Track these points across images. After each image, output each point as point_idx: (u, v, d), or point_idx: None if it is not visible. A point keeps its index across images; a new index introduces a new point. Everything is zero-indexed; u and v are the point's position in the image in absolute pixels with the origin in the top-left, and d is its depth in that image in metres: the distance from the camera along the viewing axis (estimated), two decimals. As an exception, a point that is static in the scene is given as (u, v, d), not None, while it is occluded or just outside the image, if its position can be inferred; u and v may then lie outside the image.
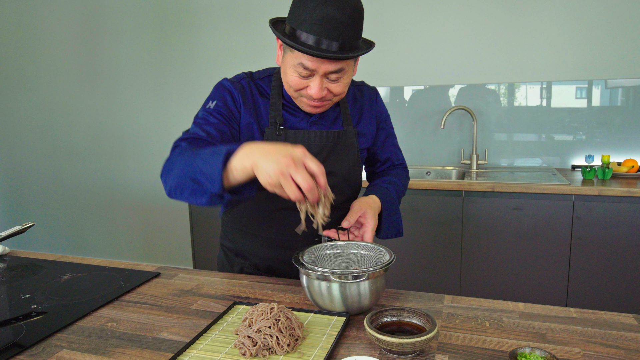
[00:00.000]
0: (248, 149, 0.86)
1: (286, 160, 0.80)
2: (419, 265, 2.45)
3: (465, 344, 0.85)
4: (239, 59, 3.22)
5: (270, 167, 0.81)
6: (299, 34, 0.98)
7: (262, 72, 1.21)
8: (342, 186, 1.22)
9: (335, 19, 0.96)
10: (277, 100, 1.16)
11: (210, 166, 0.88)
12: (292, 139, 1.15)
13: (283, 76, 1.09)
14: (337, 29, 0.97)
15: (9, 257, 1.41)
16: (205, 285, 1.16)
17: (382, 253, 1.03)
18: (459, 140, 2.89)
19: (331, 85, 1.05)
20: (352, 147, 1.22)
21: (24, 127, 3.87)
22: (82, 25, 3.54)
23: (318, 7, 0.96)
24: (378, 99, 1.30)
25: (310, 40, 0.97)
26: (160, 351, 0.85)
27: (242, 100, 1.15)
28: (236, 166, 0.86)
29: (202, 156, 0.91)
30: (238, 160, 0.86)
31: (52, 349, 0.87)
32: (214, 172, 0.87)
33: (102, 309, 1.04)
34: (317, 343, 0.85)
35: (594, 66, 2.62)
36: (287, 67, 1.05)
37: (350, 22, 0.98)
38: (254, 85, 1.18)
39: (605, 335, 0.88)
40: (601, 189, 2.12)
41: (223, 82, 1.18)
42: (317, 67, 1.01)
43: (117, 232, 3.75)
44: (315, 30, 0.97)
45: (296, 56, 1.01)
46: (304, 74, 1.03)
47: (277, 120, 1.15)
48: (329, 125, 1.20)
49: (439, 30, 2.81)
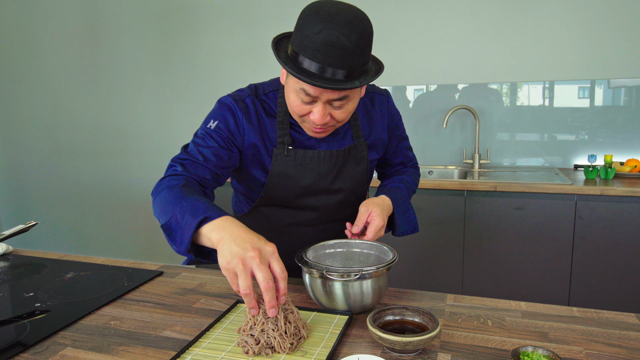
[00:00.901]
0: (222, 224, 0.85)
1: (253, 252, 0.78)
2: (421, 264, 2.45)
3: (468, 342, 0.85)
4: (241, 60, 3.23)
5: (234, 250, 0.79)
6: (302, 59, 0.93)
7: (268, 86, 1.16)
8: (350, 199, 1.23)
9: (340, 45, 0.90)
10: (284, 119, 1.12)
11: (183, 225, 0.87)
12: (301, 158, 1.12)
13: (286, 98, 1.05)
14: (342, 57, 0.91)
15: (13, 256, 1.42)
16: (207, 283, 1.17)
17: (385, 252, 1.03)
18: (461, 140, 2.89)
19: (335, 112, 1.01)
20: (363, 160, 1.20)
21: (27, 126, 3.88)
22: (85, 25, 3.55)
23: (322, 32, 0.89)
24: (390, 104, 1.25)
25: (313, 67, 0.92)
26: (164, 349, 0.85)
27: (247, 121, 1.10)
28: (205, 234, 0.85)
29: (183, 207, 0.90)
30: (209, 231, 0.85)
31: (56, 347, 0.87)
32: (184, 234, 0.87)
33: (105, 307, 1.04)
34: (319, 341, 0.85)
35: (596, 66, 2.61)
36: (290, 90, 1.01)
37: (356, 49, 0.91)
38: (258, 102, 1.13)
39: (607, 334, 0.88)
40: (604, 188, 2.12)
41: (227, 100, 1.12)
42: (319, 94, 0.96)
43: (120, 231, 3.76)
44: (318, 58, 0.91)
45: (298, 81, 0.96)
46: (306, 100, 0.98)
47: (285, 140, 1.11)
48: (338, 140, 1.16)
49: (441, 30, 2.81)
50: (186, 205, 0.90)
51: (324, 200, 1.19)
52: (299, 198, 1.17)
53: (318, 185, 1.16)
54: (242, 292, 0.78)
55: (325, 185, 1.17)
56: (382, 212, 1.12)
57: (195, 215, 0.87)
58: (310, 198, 1.18)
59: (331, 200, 1.20)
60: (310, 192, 1.17)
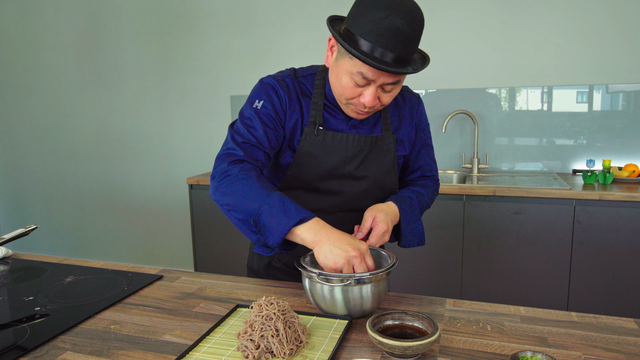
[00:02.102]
0: (318, 226, 0.96)
1: (355, 252, 0.92)
2: (420, 269, 2.45)
3: (467, 347, 0.85)
4: (241, 63, 3.24)
5: (336, 252, 0.92)
6: (361, 42, 0.96)
7: (306, 70, 1.19)
8: (374, 190, 1.22)
9: (403, 32, 0.94)
10: (319, 100, 1.14)
11: (276, 223, 0.96)
12: (330, 140, 1.14)
13: (335, 80, 1.06)
14: (403, 43, 0.95)
15: (12, 260, 1.42)
16: (207, 288, 1.17)
17: (385, 257, 1.04)
18: (460, 144, 2.90)
19: (383, 95, 1.04)
20: (389, 152, 1.21)
21: (26, 130, 3.88)
22: (85, 29, 3.56)
23: (387, 18, 0.93)
24: (420, 107, 1.27)
25: (374, 51, 0.95)
26: (164, 353, 0.85)
27: (288, 100, 1.13)
28: (300, 234, 0.96)
29: (271, 205, 0.97)
30: (303, 231, 0.96)
31: (56, 351, 0.87)
32: (278, 232, 0.96)
33: (105, 311, 1.04)
34: (319, 346, 0.85)
35: (595, 71, 2.63)
36: (342, 72, 1.02)
37: (416, 36, 0.97)
38: (297, 83, 1.15)
39: (606, 339, 0.88)
40: (602, 193, 2.13)
41: (269, 80, 1.14)
42: (376, 77, 0.99)
43: (119, 235, 3.76)
44: (381, 42, 0.94)
45: (355, 64, 0.98)
46: (361, 82, 1.01)
47: (317, 120, 1.13)
48: (368, 129, 1.18)
49: (440, 35, 2.82)
50: (274, 204, 0.97)
51: (347, 185, 1.19)
52: (323, 180, 1.17)
53: (343, 168, 1.17)
54: None
55: (350, 170, 1.17)
56: (386, 217, 1.12)
57: (288, 215, 0.95)
58: (334, 181, 1.18)
59: (355, 186, 1.20)
60: (335, 175, 1.17)
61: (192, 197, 2.81)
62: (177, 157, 3.48)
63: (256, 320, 0.85)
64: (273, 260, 1.30)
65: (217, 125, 3.34)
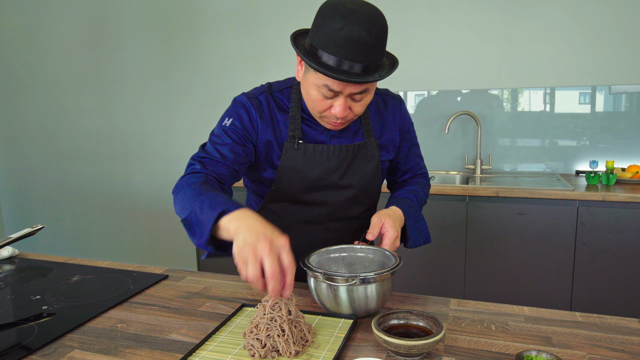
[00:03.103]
0: (240, 216, 0.88)
1: (264, 242, 0.81)
2: (423, 269, 2.45)
3: (472, 346, 0.86)
4: (244, 64, 3.25)
5: (247, 239, 0.81)
6: (321, 54, 0.96)
7: (282, 84, 1.20)
8: (360, 197, 1.23)
9: (362, 40, 0.93)
10: (296, 114, 1.15)
11: (203, 218, 0.90)
12: (311, 152, 1.15)
13: (305, 94, 1.08)
14: (364, 51, 0.94)
15: (19, 259, 1.43)
16: (212, 287, 1.17)
17: (389, 257, 1.04)
18: (463, 145, 2.90)
19: (354, 105, 1.05)
20: (373, 158, 1.21)
21: (30, 131, 3.90)
22: (88, 30, 3.57)
23: (344, 28, 0.93)
24: (402, 108, 1.28)
25: (334, 62, 0.95)
26: (170, 352, 0.86)
27: (259, 117, 1.14)
28: (224, 226, 0.88)
29: (202, 202, 0.93)
30: (227, 222, 0.88)
31: (64, 349, 0.88)
32: (203, 227, 0.90)
33: (111, 310, 1.05)
34: (325, 345, 0.86)
35: (597, 72, 2.63)
36: (310, 86, 1.04)
37: (377, 43, 0.95)
38: (272, 99, 1.16)
39: (610, 339, 0.88)
40: (605, 194, 2.13)
41: (240, 98, 1.16)
42: (342, 89, 0.99)
43: (122, 235, 3.77)
44: (340, 53, 0.94)
45: (320, 77, 0.99)
46: (329, 95, 1.01)
47: (296, 134, 1.14)
48: (349, 137, 1.19)
49: (442, 36, 2.83)
50: (205, 200, 0.93)
51: (333, 195, 1.20)
52: (307, 192, 1.18)
53: (327, 179, 1.17)
54: (249, 278, 0.80)
55: (334, 180, 1.18)
56: (394, 223, 1.12)
57: (214, 208, 0.90)
58: (319, 193, 1.19)
59: (340, 196, 1.21)
60: (319, 187, 1.18)
61: (195, 198, 2.82)
62: (180, 157, 3.49)
63: (261, 322, 0.85)
64: None
65: (220, 126, 3.35)
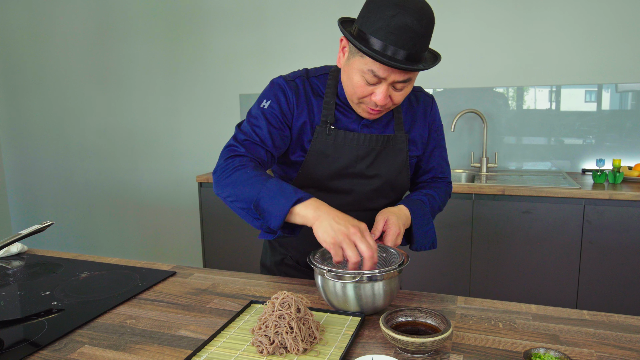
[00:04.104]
0: (316, 204, 0.96)
1: (354, 229, 0.91)
2: (429, 267, 2.45)
3: (480, 344, 0.86)
4: (251, 61, 3.25)
5: (336, 227, 0.91)
6: (371, 39, 0.97)
7: (319, 70, 1.20)
8: (386, 190, 1.22)
9: (413, 29, 0.95)
10: (330, 99, 1.15)
11: (275, 205, 0.96)
12: (341, 139, 1.15)
13: (346, 80, 1.08)
14: (413, 40, 0.96)
15: (27, 255, 1.44)
16: (220, 284, 1.18)
17: (396, 255, 1.04)
18: (469, 143, 2.89)
19: (395, 94, 1.05)
20: (402, 152, 1.21)
21: (37, 128, 3.92)
22: (94, 28, 3.59)
23: (397, 16, 0.94)
24: (434, 107, 1.27)
25: (385, 49, 0.96)
26: (180, 348, 0.87)
27: (296, 101, 1.14)
28: (299, 212, 0.96)
29: (269, 189, 0.98)
30: (302, 209, 0.95)
31: (74, 345, 0.89)
32: (278, 213, 0.96)
33: (120, 306, 1.06)
34: (332, 342, 0.86)
35: (603, 70, 2.61)
36: (354, 71, 1.04)
37: (425, 33, 0.97)
38: (308, 83, 1.17)
39: (618, 337, 0.88)
40: (612, 193, 2.12)
41: (278, 80, 1.16)
42: (387, 75, 1.00)
43: (128, 232, 3.79)
44: (391, 40, 0.95)
45: (366, 62, 1.00)
46: (372, 81, 1.01)
47: (329, 119, 1.14)
48: (380, 128, 1.18)
49: (449, 34, 2.82)
50: (272, 188, 0.98)
51: (358, 184, 1.20)
52: (334, 179, 1.18)
53: (354, 167, 1.17)
54: (353, 261, 0.90)
55: (361, 169, 1.18)
56: (398, 220, 1.12)
57: (287, 197, 0.96)
58: (345, 180, 1.19)
59: (366, 185, 1.20)
60: (346, 174, 1.18)
61: (201, 195, 2.83)
62: (186, 155, 3.51)
63: (269, 319, 0.85)
64: (286, 258, 1.31)
65: (226, 123, 3.36)
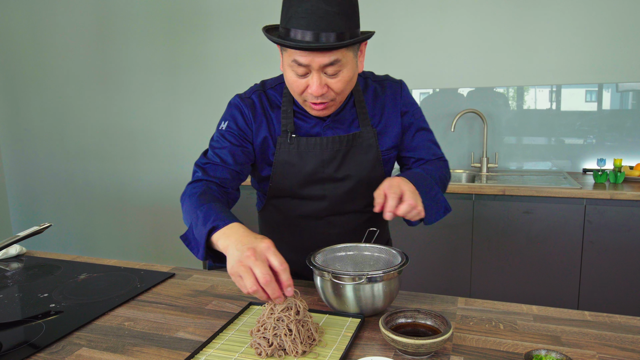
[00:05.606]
0: (228, 232, 0.89)
1: (248, 251, 0.80)
2: (429, 268, 2.44)
3: (480, 345, 0.85)
4: (249, 62, 3.25)
5: (234, 255, 0.82)
6: (289, 31, 0.97)
7: (275, 80, 1.20)
8: (361, 190, 1.19)
9: (322, 9, 0.94)
10: (288, 108, 1.15)
11: (197, 234, 0.93)
12: (304, 145, 1.14)
13: (285, 79, 1.07)
14: (325, 19, 0.94)
15: (26, 257, 1.44)
16: (219, 285, 1.17)
17: (396, 255, 1.04)
18: (469, 144, 2.89)
19: (330, 81, 1.02)
20: (371, 147, 1.17)
21: (36, 129, 3.92)
22: (94, 28, 3.58)
23: (303, 1, 0.95)
24: (403, 92, 1.21)
25: (299, 35, 0.95)
26: (178, 350, 0.86)
27: (252, 116, 1.15)
28: (215, 242, 0.91)
29: (197, 217, 0.95)
30: (217, 239, 0.90)
31: (72, 347, 0.88)
32: (199, 244, 0.92)
33: (119, 308, 1.05)
34: (332, 344, 0.86)
35: (604, 69, 2.61)
36: (285, 68, 1.04)
37: (340, 11, 0.95)
38: (265, 97, 1.17)
39: (620, 338, 0.88)
40: (613, 192, 2.11)
41: (234, 100, 1.18)
42: (310, 61, 0.97)
43: (128, 233, 3.78)
44: (302, 24, 0.95)
45: (289, 54, 0.99)
46: (300, 71, 1.00)
47: (289, 128, 1.14)
48: (345, 128, 1.16)
49: (448, 34, 2.82)
50: (200, 215, 0.95)
51: (330, 189, 1.18)
52: (304, 187, 1.17)
53: (322, 172, 1.16)
54: (250, 291, 0.79)
55: (330, 173, 1.16)
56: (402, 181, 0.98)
57: (205, 224, 0.92)
58: (315, 186, 1.18)
59: (338, 188, 1.18)
60: (316, 180, 1.17)
61: (201, 196, 2.82)
62: (185, 156, 3.50)
63: (268, 321, 0.85)
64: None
65: (225, 124, 3.35)
